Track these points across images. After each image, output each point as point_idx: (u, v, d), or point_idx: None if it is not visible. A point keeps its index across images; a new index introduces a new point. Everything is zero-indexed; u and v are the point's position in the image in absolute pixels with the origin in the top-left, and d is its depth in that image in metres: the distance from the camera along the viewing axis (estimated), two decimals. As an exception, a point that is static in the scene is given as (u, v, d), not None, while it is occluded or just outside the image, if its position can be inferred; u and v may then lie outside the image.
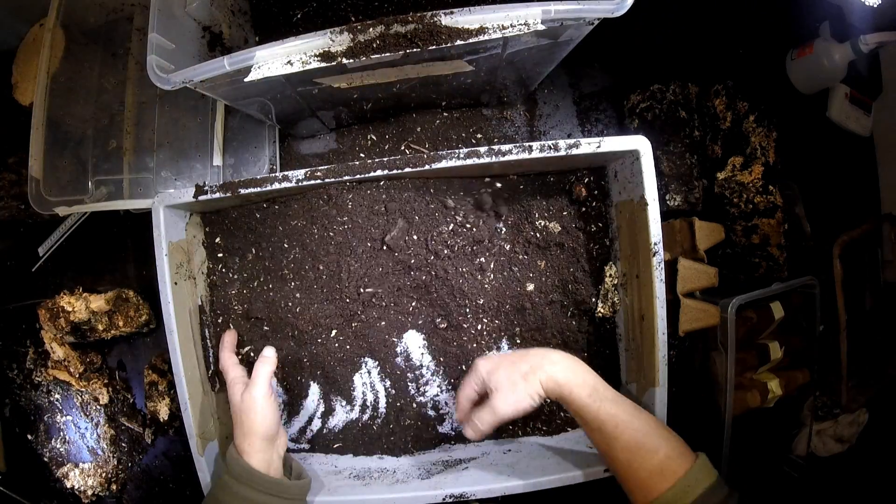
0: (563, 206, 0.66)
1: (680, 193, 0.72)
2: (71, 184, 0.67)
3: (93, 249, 0.77)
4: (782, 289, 0.71)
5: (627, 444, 0.49)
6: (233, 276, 0.67)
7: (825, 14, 0.80)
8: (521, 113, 0.76)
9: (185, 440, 0.59)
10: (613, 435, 0.50)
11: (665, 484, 0.47)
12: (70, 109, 0.68)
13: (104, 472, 0.76)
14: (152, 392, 0.75)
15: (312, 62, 0.46)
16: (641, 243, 0.58)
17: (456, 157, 0.56)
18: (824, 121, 0.82)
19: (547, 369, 0.52)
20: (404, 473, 0.62)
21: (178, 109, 0.70)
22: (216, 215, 0.68)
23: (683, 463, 0.48)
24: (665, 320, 0.57)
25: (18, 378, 0.78)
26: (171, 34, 0.52)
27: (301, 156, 0.76)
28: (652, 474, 0.48)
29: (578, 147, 0.56)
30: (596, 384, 0.52)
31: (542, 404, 0.67)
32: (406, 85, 0.60)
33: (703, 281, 0.70)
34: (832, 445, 0.80)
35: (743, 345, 0.71)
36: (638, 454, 0.49)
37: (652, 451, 0.49)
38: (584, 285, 0.65)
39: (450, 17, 0.44)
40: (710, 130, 0.75)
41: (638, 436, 0.49)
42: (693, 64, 0.76)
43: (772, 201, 0.73)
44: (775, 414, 0.75)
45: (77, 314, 0.71)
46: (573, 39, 0.52)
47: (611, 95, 0.77)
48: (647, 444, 0.49)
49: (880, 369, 0.81)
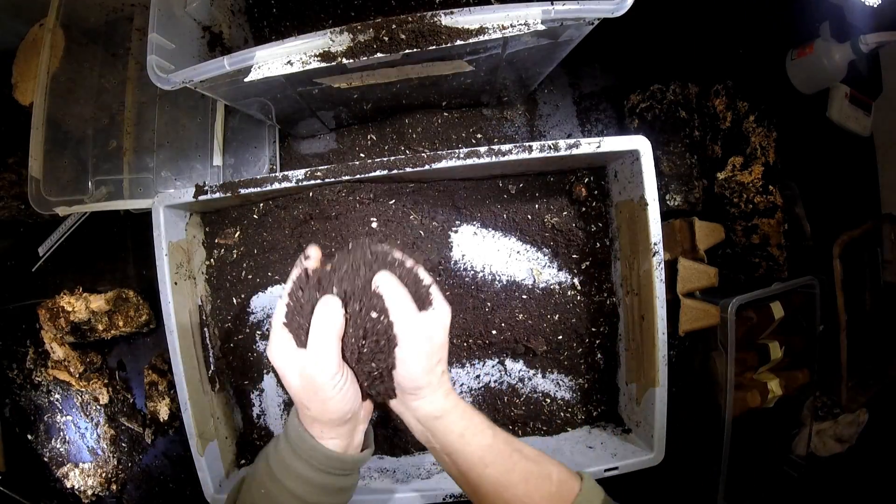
0: (563, 206, 0.66)
1: (680, 193, 0.72)
2: (71, 184, 0.67)
3: (93, 249, 0.77)
4: (782, 289, 0.71)
5: (524, 475, 0.42)
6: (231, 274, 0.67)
7: (825, 14, 0.80)
8: (521, 113, 0.76)
9: (185, 440, 0.59)
10: (507, 467, 0.42)
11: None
12: (70, 109, 0.68)
13: (104, 472, 0.76)
14: (152, 392, 0.75)
15: (312, 62, 0.46)
16: (641, 243, 0.58)
17: (456, 157, 0.56)
18: (824, 121, 0.82)
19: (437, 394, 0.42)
20: (404, 473, 0.62)
21: (178, 109, 0.70)
22: (216, 215, 0.68)
23: (573, 483, 0.43)
24: (665, 320, 0.57)
25: (18, 378, 0.78)
26: (171, 34, 0.52)
27: (301, 156, 0.76)
28: (550, 501, 0.42)
29: (578, 147, 0.56)
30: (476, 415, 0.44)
31: (543, 402, 0.67)
32: (406, 85, 0.60)
33: (703, 281, 0.70)
34: (832, 445, 0.80)
35: (743, 345, 0.71)
36: (534, 483, 0.42)
37: (545, 477, 0.43)
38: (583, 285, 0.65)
39: (450, 17, 0.44)
40: (710, 130, 0.75)
41: (530, 464, 0.43)
42: (693, 64, 0.76)
43: (772, 201, 0.73)
44: (775, 414, 0.75)
45: (77, 314, 0.71)
46: (573, 39, 0.52)
47: (611, 95, 0.77)
48: (539, 470, 0.43)
49: (880, 369, 0.81)
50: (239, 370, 0.69)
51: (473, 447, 0.43)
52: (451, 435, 0.43)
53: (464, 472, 0.43)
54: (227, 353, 0.69)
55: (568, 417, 0.67)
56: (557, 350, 0.66)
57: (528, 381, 0.67)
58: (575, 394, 0.67)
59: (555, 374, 0.67)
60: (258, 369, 0.68)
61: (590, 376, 0.67)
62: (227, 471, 0.63)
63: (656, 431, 0.58)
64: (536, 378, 0.67)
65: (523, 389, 0.67)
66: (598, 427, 0.67)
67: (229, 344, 0.68)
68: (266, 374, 0.68)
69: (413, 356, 0.41)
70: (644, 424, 0.60)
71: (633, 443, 0.61)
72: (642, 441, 0.61)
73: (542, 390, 0.67)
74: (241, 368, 0.68)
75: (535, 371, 0.67)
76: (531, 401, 0.67)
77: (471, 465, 0.43)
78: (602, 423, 0.67)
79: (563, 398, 0.67)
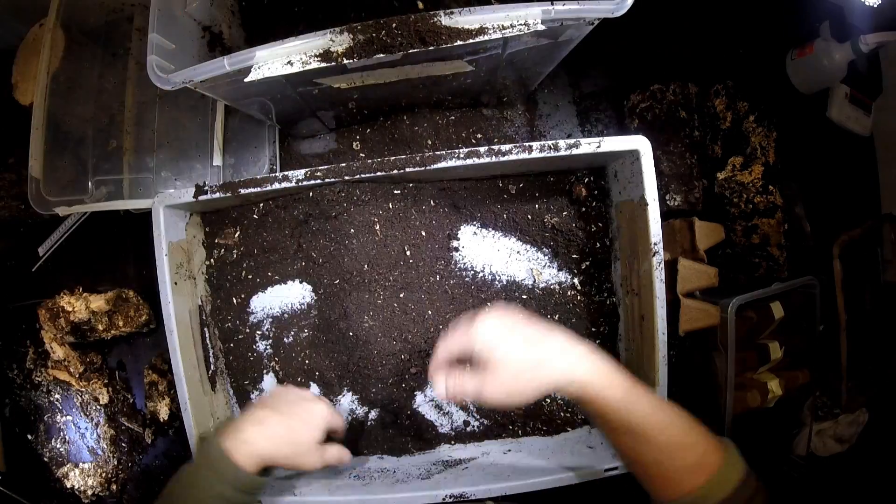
0: (563, 206, 0.66)
1: (680, 193, 0.72)
2: (71, 184, 0.67)
3: (93, 249, 0.77)
4: (782, 289, 0.71)
5: (661, 446, 0.44)
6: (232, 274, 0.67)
7: (825, 14, 0.80)
8: (521, 113, 0.76)
9: (185, 440, 0.59)
10: (645, 439, 0.44)
11: (697, 480, 0.43)
12: (70, 109, 0.68)
13: (104, 472, 0.76)
14: (152, 392, 0.75)
15: (312, 62, 0.46)
16: (641, 243, 0.58)
17: (456, 157, 0.56)
18: (824, 121, 0.81)
19: (567, 366, 0.44)
20: (404, 473, 0.62)
21: (178, 109, 0.70)
22: (216, 215, 0.68)
23: (715, 457, 0.44)
24: (665, 320, 0.57)
25: (18, 378, 0.78)
26: (171, 34, 0.52)
27: (301, 156, 0.76)
28: (684, 472, 0.43)
29: (578, 147, 0.56)
30: (626, 385, 0.44)
31: (543, 402, 0.67)
32: (406, 85, 0.60)
33: (703, 281, 0.70)
34: (832, 445, 0.80)
35: (743, 345, 0.71)
36: (672, 454, 0.44)
37: (688, 449, 0.44)
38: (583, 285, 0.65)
39: (450, 17, 0.44)
40: (710, 130, 0.75)
41: (674, 438, 0.44)
42: (693, 64, 0.76)
43: (772, 201, 0.73)
44: (775, 414, 0.75)
45: (77, 314, 0.71)
46: (573, 39, 0.52)
47: (611, 95, 0.77)
48: (683, 442, 0.44)
49: (880, 369, 0.81)
50: (239, 370, 0.69)
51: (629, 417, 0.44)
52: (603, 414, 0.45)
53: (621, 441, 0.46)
54: (227, 353, 0.69)
55: (568, 417, 0.67)
56: (557, 350, 0.66)
57: (528, 381, 0.67)
58: (575, 394, 0.67)
59: (555, 374, 0.67)
60: (258, 369, 0.68)
61: (590, 376, 0.67)
62: (227, 471, 0.63)
63: (656, 431, 0.58)
64: (536, 378, 0.67)
65: (523, 389, 0.67)
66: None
67: (229, 344, 0.68)
68: (266, 373, 0.68)
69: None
70: (644, 424, 0.60)
71: (633, 443, 0.61)
72: (642, 441, 0.61)
73: (542, 390, 0.67)
74: (241, 368, 0.69)
75: (535, 371, 0.67)
76: (531, 401, 0.67)
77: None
78: (602, 423, 0.67)
79: (563, 398, 0.67)
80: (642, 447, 0.44)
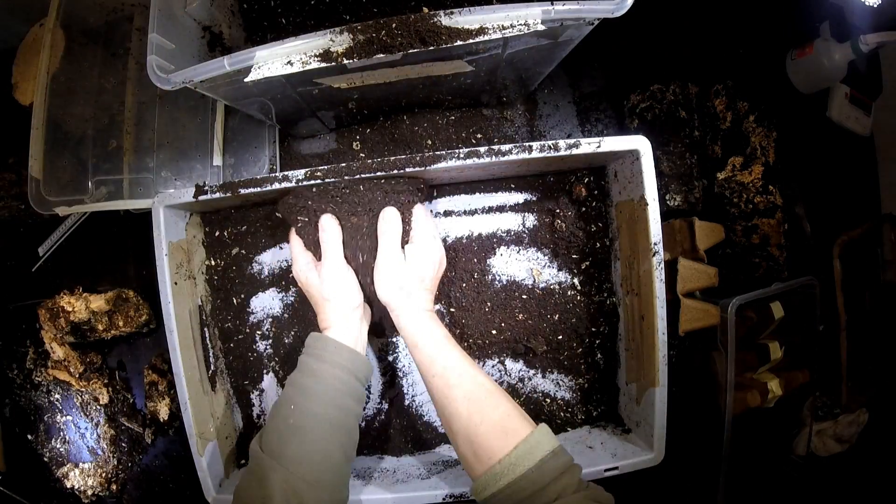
0: (563, 206, 0.66)
1: (680, 193, 0.72)
2: (71, 184, 0.67)
3: (93, 249, 0.77)
4: (782, 289, 0.71)
5: (468, 394, 0.49)
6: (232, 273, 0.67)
7: (825, 14, 0.80)
8: (521, 113, 0.76)
9: (185, 440, 0.59)
10: (457, 382, 0.50)
11: (508, 444, 0.45)
12: (70, 109, 0.68)
13: (104, 472, 0.76)
14: (152, 392, 0.75)
15: (312, 62, 0.46)
16: (641, 243, 0.58)
17: (456, 157, 0.56)
18: (824, 121, 0.82)
19: (426, 295, 0.55)
20: (404, 473, 0.62)
21: (178, 109, 0.70)
22: (216, 215, 0.68)
23: (525, 425, 0.47)
24: (665, 320, 0.57)
25: (18, 378, 0.78)
26: (171, 34, 0.52)
27: (301, 156, 0.76)
28: (494, 432, 0.46)
29: (578, 147, 0.56)
30: (441, 332, 0.53)
31: (543, 402, 0.67)
32: (406, 85, 0.60)
33: (703, 281, 0.70)
34: (832, 445, 0.80)
35: (743, 345, 0.71)
36: (479, 406, 0.48)
37: (493, 406, 0.48)
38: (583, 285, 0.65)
39: (450, 17, 0.44)
40: (710, 130, 0.75)
41: (481, 390, 0.49)
42: (693, 64, 0.76)
43: (772, 201, 0.73)
44: (775, 414, 0.75)
45: (77, 314, 0.71)
46: (573, 39, 0.52)
47: (611, 95, 0.77)
48: (489, 399, 0.49)
49: (880, 369, 0.81)
50: (239, 370, 0.69)
51: (438, 368, 0.51)
52: (422, 353, 0.52)
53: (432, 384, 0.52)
54: (226, 353, 0.69)
55: (568, 417, 0.67)
56: (557, 350, 0.66)
57: (528, 380, 0.67)
58: (575, 394, 0.67)
59: (555, 374, 0.67)
60: (258, 369, 0.68)
61: (590, 376, 0.67)
62: (227, 471, 0.63)
63: (656, 431, 0.58)
64: (536, 378, 0.67)
65: (523, 389, 0.67)
66: (597, 427, 0.67)
67: (229, 344, 0.68)
68: (266, 373, 0.68)
69: (378, 276, 0.55)
70: (644, 424, 0.60)
71: (633, 443, 0.62)
72: (642, 441, 0.61)
73: (541, 390, 0.67)
74: (241, 368, 0.69)
75: (534, 371, 0.67)
76: (531, 401, 0.67)
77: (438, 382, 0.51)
78: (602, 422, 0.67)
79: (562, 398, 0.67)
80: (453, 390, 0.49)
